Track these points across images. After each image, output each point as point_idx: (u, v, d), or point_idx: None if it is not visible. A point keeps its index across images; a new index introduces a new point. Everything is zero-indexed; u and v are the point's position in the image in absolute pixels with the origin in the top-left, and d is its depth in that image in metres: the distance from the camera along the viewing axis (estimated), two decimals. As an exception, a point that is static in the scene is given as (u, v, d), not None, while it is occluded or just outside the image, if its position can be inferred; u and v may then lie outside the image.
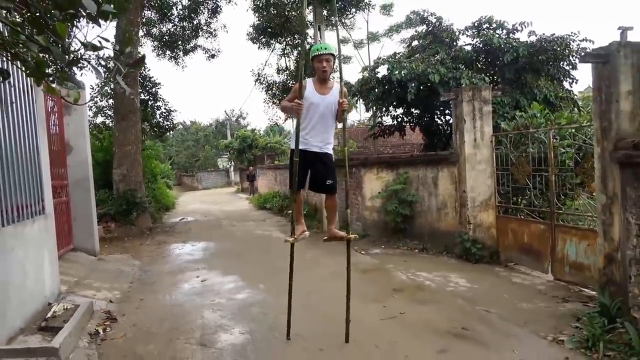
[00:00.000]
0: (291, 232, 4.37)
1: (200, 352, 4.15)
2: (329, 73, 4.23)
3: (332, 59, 4.19)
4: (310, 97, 4.17)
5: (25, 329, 4.39)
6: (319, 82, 4.24)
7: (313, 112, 4.20)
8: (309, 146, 4.24)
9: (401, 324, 4.63)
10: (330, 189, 4.47)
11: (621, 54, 5.05)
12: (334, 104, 4.21)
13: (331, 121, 4.29)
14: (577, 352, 3.79)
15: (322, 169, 4.31)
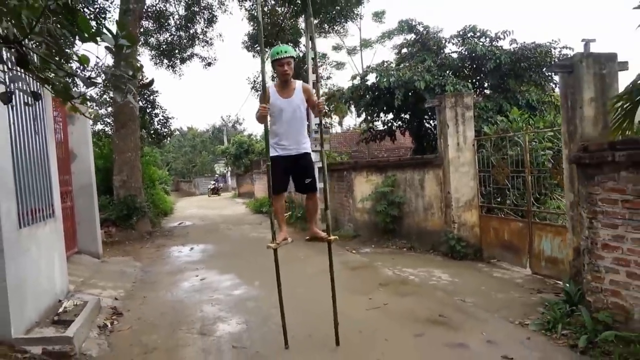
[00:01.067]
0: (272, 237, 4.27)
1: (200, 340, 4.57)
2: (290, 76, 4.17)
3: (292, 62, 4.15)
4: (276, 103, 4.16)
5: (40, 322, 4.79)
6: (281, 85, 4.23)
7: (282, 117, 4.19)
8: (285, 151, 4.24)
9: (384, 314, 5.06)
10: (309, 188, 4.43)
11: (584, 64, 5.51)
12: (301, 104, 4.21)
13: (302, 121, 4.30)
14: (539, 333, 4.23)
15: (302, 169, 4.33)
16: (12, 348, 4.11)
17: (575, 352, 3.78)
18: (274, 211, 4.34)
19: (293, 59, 4.17)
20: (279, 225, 4.40)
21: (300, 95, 4.22)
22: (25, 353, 4.11)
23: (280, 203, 4.47)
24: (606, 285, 3.94)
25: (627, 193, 3.69)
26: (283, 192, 4.43)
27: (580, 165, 4.17)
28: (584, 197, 4.12)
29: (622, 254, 3.78)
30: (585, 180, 4.08)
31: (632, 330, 3.69)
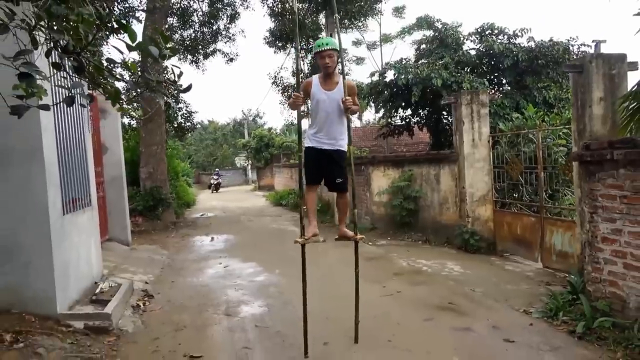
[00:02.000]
0: (301, 231, 4.11)
1: (226, 320, 4.97)
2: (332, 68, 4.07)
3: (334, 54, 4.06)
4: (317, 94, 4.10)
5: (80, 301, 5.25)
6: (324, 77, 4.15)
7: (320, 109, 4.12)
8: (320, 144, 4.17)
9: (397, 300, 5.39)
10: (340, 188, 4.33)
11: (593, 64, 5.71)
12: (340, 99, 4.09)
13: (341, 117, 4.15)
14: (541, 320, 4.51)
15: (334, 166, 4.20)
16: (58, 322, 4.56)
17: (573, 337, 4.05)
18: (307, 202, 4.20)
19: (336, 51, 4.05)
20: (309, 220, 4.21)
21: (342, 90, 4.07)
22: (69, 327, 4.55)
23: (312, 196, 4.31)
24: (605, 276, 4.19)
25: (625, 189, 3.93)
26: (317, 184, 4.33)
27: (582, 162, 4.41)
28: (585, 192, 4.37)
29: (619, 246, 4.02)
30: (587, 177, 4.33)
31: (628, 317, 3.94)
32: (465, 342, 4.10)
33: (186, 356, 4.04)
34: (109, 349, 4.27)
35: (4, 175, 4.34)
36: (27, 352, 3.90)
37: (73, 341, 4.30)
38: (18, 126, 4.19)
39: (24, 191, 4.43)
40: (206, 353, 4.09)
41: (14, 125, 4.18)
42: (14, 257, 4.44)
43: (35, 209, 4.47)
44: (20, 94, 2.38)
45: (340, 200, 4.51)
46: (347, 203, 4.51)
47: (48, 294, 4.56)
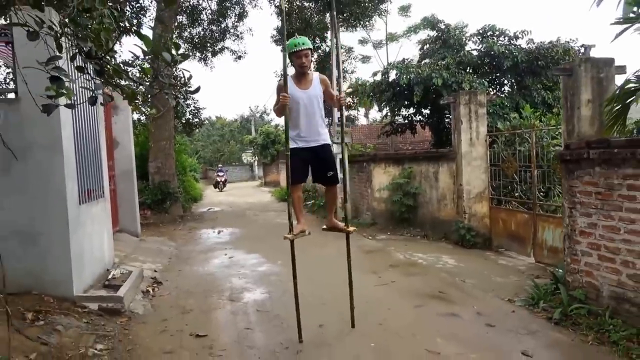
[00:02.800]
0: (289, 227, 4.25)
1: (230, 304, 5.32)
2: (307, 67, 4.18)
3: (309, 53, 4.15)
4: (294, 94, 4.14)
5: (93, 285, 5.62)
6: (298, 77, 4.22)
7: (300, 108, 4.19)
8: (306, 143, 4.27)
9: (391, 289, 5.72)
10: (331, 181, 4.45)
11: (582, 68, 5.98)
12: (318, 95, 4.22)
13: (319, 112, 4.28)
14: (523, 307, 4.83)
15: (322, 161, 4.34)
16: (74, 304, 4.93)
17: (550, 323, 4.36)
18: (292, 201, 4.33)
19: (311, 50, 4.17)
20: (297, 217, 4.38)
21: (318, 86, 4.23)
22: (84, 308, 4.92)
23: (298, 194, 4.44)
24: (582, 267, 4.49)
25: (600, 186, 4.23)
26: (301, 182, 4.44)
27: (563, 161, 4.71)
28: (566, 189, 4.67)
29: (594, 239, 4.32)
30: (567, 175, 4.63)
31: (601, 305, 4.24)
32: (450, 326, 4.43)
33: (192, 335, 4.39)
34: (122, 328, 4.63)
35: (28, 167, 4.70)
36: (47, 329, 4.27)
37: (88, 321, 4.67)
38: (40, 122, 4.57)
39: (45, 182, 4.80)
40: (211, 333, 4.44)
41: (37, 121, 4.57)
42: (35, 242, 4.82)
43: (54, 199, 4.84)
44: (50, 94, 2.73)
45: (329, 193, 4.66)
46: (336, 195, 4.67)
47: (65, 277, 4.94)
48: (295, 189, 4.38)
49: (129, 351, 4.09)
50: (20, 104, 4.73)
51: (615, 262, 4.10)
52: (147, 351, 4.08)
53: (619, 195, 4.02)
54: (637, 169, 3.84)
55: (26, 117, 4.69)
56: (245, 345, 4.13)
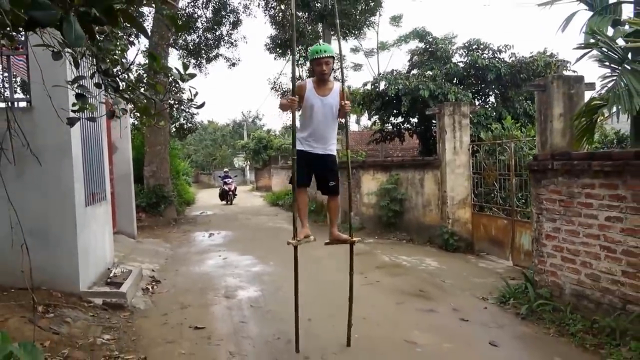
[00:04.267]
0: (294, 233, 4.16)
1: (225, 301, 5.71)
2: (328, 75, 4.10)
3: (331, 62, 4.08)
4: (310, 99, 4.11)
5: (97, 282, 5.98)
6: (318, 83, 4.15)
7: (314, 114, 4.14)
8: (312, 148, 4.20)
9: (375, 288, 6.14)
10: (333, 191, 4.39)
11: (554, 84, 6.45)
12: (335, 105, 4.13)
13: (333, 122, 4.22)
14: (495, 305, 5.27)
15: (326, 170, 4.28)
16: (80, 298, 5.30)
17: (518, 318, 4.81)
18: (297, 206, 4.24)
19: (333, 58, 4.08)
20: (302, 222, 4.31)
21: (337, 97, 4.13)
22: (90, 303, 5.29)
23: (302, 198, 4.34)
24: (547, 267, 4.95)
25: (562, 194, 4.69)
26: (306, 186, 4.35)
27: (532, 171, 5.17)
28: (534, 196, 5.13)
29: (558, 242, 4.78)
30: (535, 184, 5.09)
31: (564, 302, 4.69)
32: (427, 320, 4.86)
33: (192, 327, 4.78)
34: (125, 321, 5.00)
35: (40, 170, 5.04)
36: (57, 321, 4.63)
37: (94, 314, 5.04)
38: (52, 129, 4.97)
39: (56, 184, 5.18)
40: (208, 325, 4.83)
41: (49, 128, 4.96)
42: (45, 241, 5.17)
43: (64, 200, 5.22)
44: (75, 109, 3.13)
45: (332, 204, 4.53)
46: (338, 206, 4.56)
47: (72, 273, 5.30)
48: (300, 193, 4.26)
49: (133, 341, 4.46)
50: (33, 112, 5.11)
51: (576, 263, 4.56)
52: (151, 341, 4.46)
53: (578, 202, 4.48)
54: (593, 179, 4.30)
55: (39, 125, 5.06)
56: (241, 336, 4.53)
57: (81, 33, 1.08)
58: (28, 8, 1.02)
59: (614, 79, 4.34)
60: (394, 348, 4.18)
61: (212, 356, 4.08)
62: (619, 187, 4.03)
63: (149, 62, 3.29)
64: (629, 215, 3.95)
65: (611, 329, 4.01)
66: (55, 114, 4.18)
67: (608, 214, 4.17)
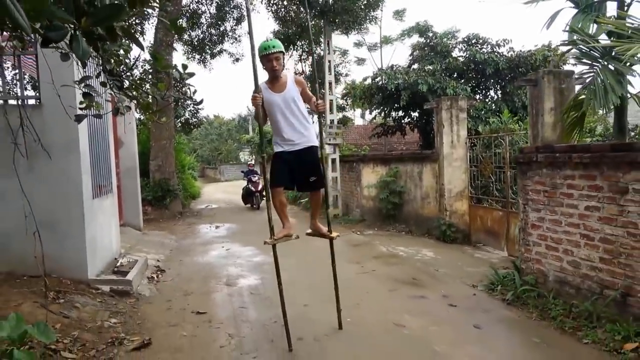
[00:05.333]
0: (270, 232, 4.17)
1: (226, 288, 5.98)
2: (279, 71, 4.06)
3: (281, 57, 4.04)
4: (269, 99, 4.07)
5: (104, 271, 6.26)
6: (271, 81, 4.12)
7: (277, 112, 4.10)
8: (289, 146, 4.15)
9: (370, 276, 6.39)
10: (314, 186, 4.32)
11: (545, 79, 6.63)
12: (295, 96, 4.08)
13: (300, 113, 4.14)
14: (484, 291, 5.50)
15: (304, 166, 4.18)
16: (88, 286, 5.58)
17: (504, 303, 5.04)
18: (274, 206, 4.20)
19: (282, 53, 4.07)
20: (282, 221, 4.30)
21: (293, 87, 4.10)
22: (98, 290, 5.57)
23: (279, 198, 4.27)
24: (533, 256, 5.16)
25: (546, 185, 4.90)
26: (282, 186, 4.26)
27: (518, 163, 5.38)
28: (520, 188, 5.34)
29: (543, 231, 4.99)
30: (522, 175, 5.30)
31: (548, 289, 4.91)
32: (417, 305, 5.10)
33: (194, 312, 5.05)
34: (131, 307, 5.28)
35: (50, 164, 5.33)
36: (67, 306, 4.91)
37: (102, 300, 5.32)
38: (60, 125, 5.23)
39: (65, 177, 5.45)
40: (210, 310, 5.10)
41: (57, 124, 5.22)
42: (55, 231, 5.44)
43: (72, 193, 5.50)
44: (82, 107, 3.38)
45: (313, 198, 4.51)
46: (320, 200, 4.51)
47: (81, 262, 5.59)
48: (276, 193, 4.22)
49: (139, 324, 4.74)
50: (43, 109, 5.38)
51: (559, 251, 4.77)
52: (155, 324, 4.73)
53: (561, 193, 4.69)
54: (574, 170, 4.50)
55: (48, 121, 5.33)
56: (240, 320, 4.80)
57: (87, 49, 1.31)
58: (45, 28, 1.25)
59: (591, 75, 4.52)
60: (383, 330, 4.42)
61: (212, 337, 4.35)
62: (597, 178, 4.23)
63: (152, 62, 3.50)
64: (606, 204, 4.16)
65: (589, 313, 4.23)
66: (63, 111, 4.46)
67: (587, 203, 4.37)
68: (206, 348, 4.11)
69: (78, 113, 3.49)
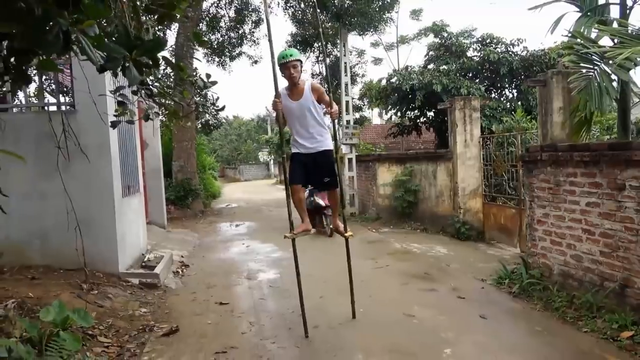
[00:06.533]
0: (290, 226, 4.46)
1: (247, 282, 6.34)
2: (297, 79, 4.28)
3: (298, 65, 4.26)
4: (287, 106, 4.35)
5: (133, 265, 6.67)
6: (290, 88, 4.37)
7: (293, 119, 4.39)
8: (304, 149, 4.43)
9: (384, 271, 6.67)
10: (329, 186, 4.59)
11: (554, 80, 6.83)
12: (310, 104, 4.32)
13: (315, 120, 4.38)
14: (492, 285, 5.74)
15: (319, 168, 4.45)
16: (119, 279, 5.99)
17: (510, 296, 5.28)
18: (294, 202, 4.50)
19: (299, 62, 4.31)
20: (301, 217, 4.59)
21: (310, 96, 4.31)
22: (128, 282, 5.98)
23: (298, 195, 4.54)
24: (539, 250, 5.38)
25: (551, 183, 5.11)
26: (299, 183, 4.53)
27: (524, 162, 5.60)
28: (527, 185, 5.56)
29: (547, 227, 5.21)
30: (528, 173, 5.52)
31: (553, 282, 5.13)
32: (427, 298, 5.37)
33: (217, 303, 5.41)
34: (159, 298, 5.67)
35: (85, 166, 5.75)
36: (101, 296, 5.32)
37: (132, 292, 5.72)
38: (93, 128, 5.64)
39: (98, 178, 5.86)
40: (232, 301, 5.46)
41: (90, 127, 5.63)
42: (89, 227, 5.85)
43: (104, 192, 5.91)
44: (117, 114, 3.75)
45: (331, 197, 4.82)
46: (337, 199, 4.74)
47: (112, 256, 6.00)
48: (295, 190, 4.49)
49: (166, 313, 5.12)
50: (77, 114, 5.80)
51: (562, 245, 4.99)
52: (181, 314, 5.10)
53: (564, 190, 4.91)
54: (575, 168, 4.72)
55: (82, 125, 5.74)
56: (260, 310, 5.14)
57: (137, 76, 1.63)
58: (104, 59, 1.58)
59: (588, 78, 4.73)
60: (393, 320, 4.71)
61: (235, 325, 4.70)
62: (597, 176, 4.44)
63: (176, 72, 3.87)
64: (605, 200, 4.37)
65: (590, 304, 4.45)
66: (95, 116, 4.86)
67: (588, 200, 4.59)
68: (229, 334, 4.46)
69: (113, 119, 3.87)
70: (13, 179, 5.31)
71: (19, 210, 5.50)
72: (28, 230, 5.81)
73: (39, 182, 5.73)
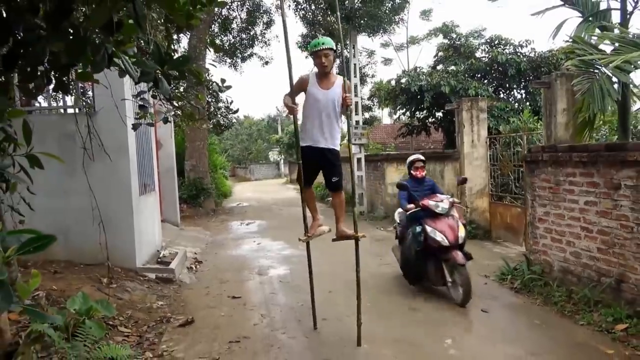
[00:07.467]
0: (304, 229, 4.37)
1: (258, 277, 6.59)
2: (329, 68, 4.15)
3: (331, 54, 4.10)
4: (313, 92, 4.18)
5: (149, 261, 6.95)
6: (320, 76, 4.21)
7: (316, 108, 4.18)
8: (315, 142, 4.23)
9: (389, 266, 6.88)
10: (335, 187, 4.41)
11: (558, 81, 6.97)
12: (337, 98, 4.16)
13: (335, 117, 4.23)
14: (495, 281, 5.94)
15: (328, 165, 4.31)
16: (136, 273, 6.27)
17: (512, 291, 5.46)
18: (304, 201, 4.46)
19: (333, 50, 4.12)
20: (312, 215, 4.49)
21: (339, 90, 4.17)
22: (145, 277, 6.25)
23: (310, 195, 4.54)
24: (540, 247, 5.57)
25: (551, 182, 5.29)
26: (312, 183, 4.53)
27: (526, 162, 5.78)
28: (529, 185, 5.74)
29: (548, 225, 5.39)
30: (529, 173, 5.70)
31: (553, 278, 5.31)
32: (431, 292, 5.57)
33: (230, 297, 5.66)
34: (174, 291, 5.94)
35: (103, 165, 6.01)
36: (120, 290, 5.60)
37: (149, 286, 6.00)
38: (112, 130, 5.91)
39: (116, 176, 6.14)
40: (244, 295, 5.71)
41: (110, 129, 5.91)
42: (108, 224, 6.11)
43: (122, 190, 6.19)
44: (138, 117, 4.01)
45: (336, 200, 4.56)
46: (342, 202, 4.53)
47: (130, 252, 6.27)
48: (306, 190, 4.47)
49: (182, 306, 5.38)
50: (97, 116, 6.08)
51: (562, 243, 5.17)
52: (196, 307, 5.37)
53: (564, 189, 5.09)
54: (574, 168, 4.90)
55: (102, 127, 6.00)
56: (271, 303, 5.39)
57: (168, 87, 1.87)
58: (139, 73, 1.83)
59: (591, 80, 4.90)
60: (399, 313, 4.93)
61: (247, 317, 4.94)
62: (594, 175, 4.62)
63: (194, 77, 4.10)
64: (602, 199, 4.55)
65: (587, 298, 4.63)
66: (115, 118, 5.12)
67: (586, 198, 4.76)
68: (241, 325, 4.71)
69: (134, 122, 4.13)
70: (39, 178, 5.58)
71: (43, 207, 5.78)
72: (52, 226, 6.06)
73: (62, 180, 6.02)
